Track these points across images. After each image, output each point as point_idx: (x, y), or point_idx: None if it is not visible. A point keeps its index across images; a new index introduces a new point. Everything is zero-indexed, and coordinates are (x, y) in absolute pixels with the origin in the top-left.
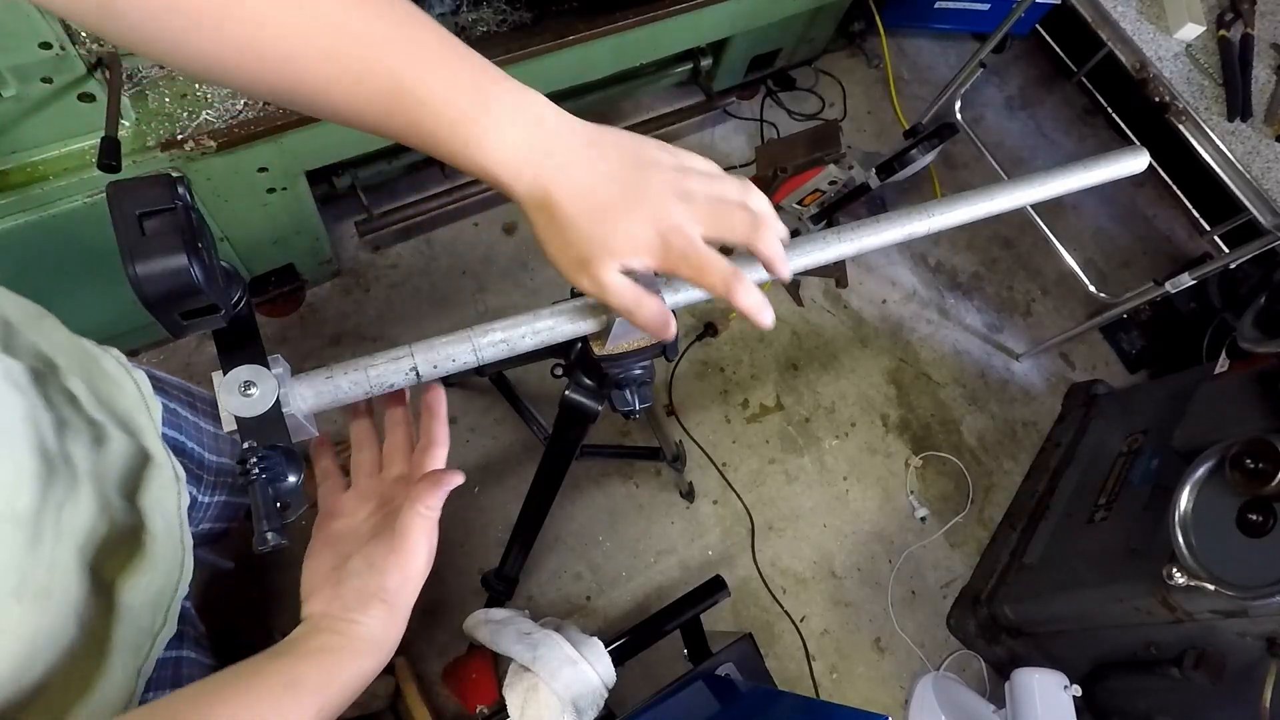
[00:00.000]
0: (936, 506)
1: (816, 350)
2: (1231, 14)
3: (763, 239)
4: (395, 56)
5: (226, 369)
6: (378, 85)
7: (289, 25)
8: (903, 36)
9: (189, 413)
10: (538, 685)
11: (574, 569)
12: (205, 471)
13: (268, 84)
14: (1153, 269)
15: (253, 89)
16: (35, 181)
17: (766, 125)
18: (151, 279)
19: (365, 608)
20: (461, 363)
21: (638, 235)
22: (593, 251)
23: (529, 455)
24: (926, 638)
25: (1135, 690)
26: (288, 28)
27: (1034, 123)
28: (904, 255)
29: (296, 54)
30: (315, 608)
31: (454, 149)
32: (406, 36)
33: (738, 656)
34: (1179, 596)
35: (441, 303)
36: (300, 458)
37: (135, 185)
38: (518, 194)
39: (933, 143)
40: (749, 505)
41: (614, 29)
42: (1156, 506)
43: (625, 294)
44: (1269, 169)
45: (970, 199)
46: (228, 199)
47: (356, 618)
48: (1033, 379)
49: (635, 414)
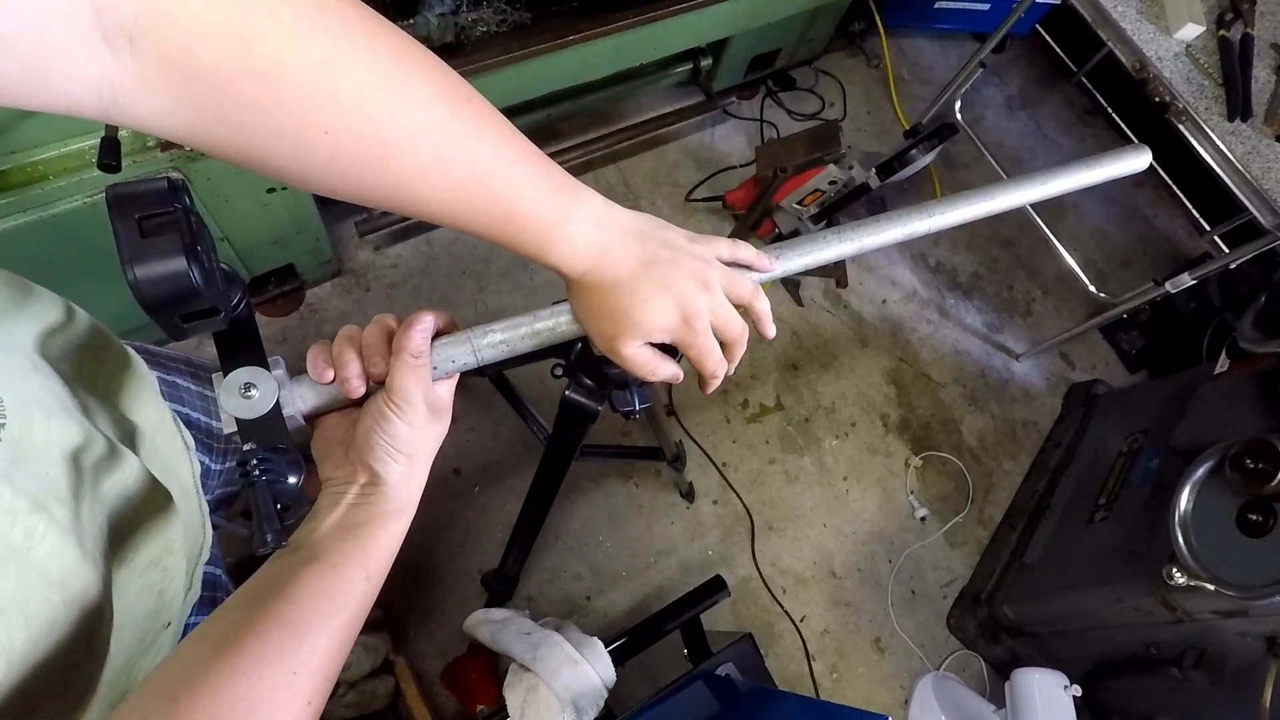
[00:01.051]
0: (936, 506)
1: (816, 350)
2: (1231, 14)
3: (754, 309)
4: (494, 168)
5: (226, 371)
6: (475, 191)
7: (409, 143)
8: (903, 36)
9: (191, 383)
10: (538, 685)
11: (574, 569)
12: (214, 440)
13: (375, 193)
14: (1153, 269)
15: (353, 195)
16: (35, 181)
17: (766, 125)
18: (151, 283)
19: (383, 464)
20: (461, 363)
21: (664, 317)
22: (623, 329)
23: (529, 455)
24: (926, 638)
25: (1135, 690)
26: (408, 145)
27: (1034, 123)
28: (904, 255)
29: (410, 170)
30: (331, 470)
31: (535, 251)
32: (503, 147)
33: (738, 656)
34: (1179, 596)
35: (441, 303)
36: (300, 459)
37: (134, 188)
38: (573, 281)
39: (933, 143)
40: (749, 505)
41: (614, 29)
42: (1156, 506)
43: (644, 364)
44: (1269, 169)
45: (970, 199)
46: (228, 199)
47: (377, 473)
48: (1033, 379)
49: (635, 414)
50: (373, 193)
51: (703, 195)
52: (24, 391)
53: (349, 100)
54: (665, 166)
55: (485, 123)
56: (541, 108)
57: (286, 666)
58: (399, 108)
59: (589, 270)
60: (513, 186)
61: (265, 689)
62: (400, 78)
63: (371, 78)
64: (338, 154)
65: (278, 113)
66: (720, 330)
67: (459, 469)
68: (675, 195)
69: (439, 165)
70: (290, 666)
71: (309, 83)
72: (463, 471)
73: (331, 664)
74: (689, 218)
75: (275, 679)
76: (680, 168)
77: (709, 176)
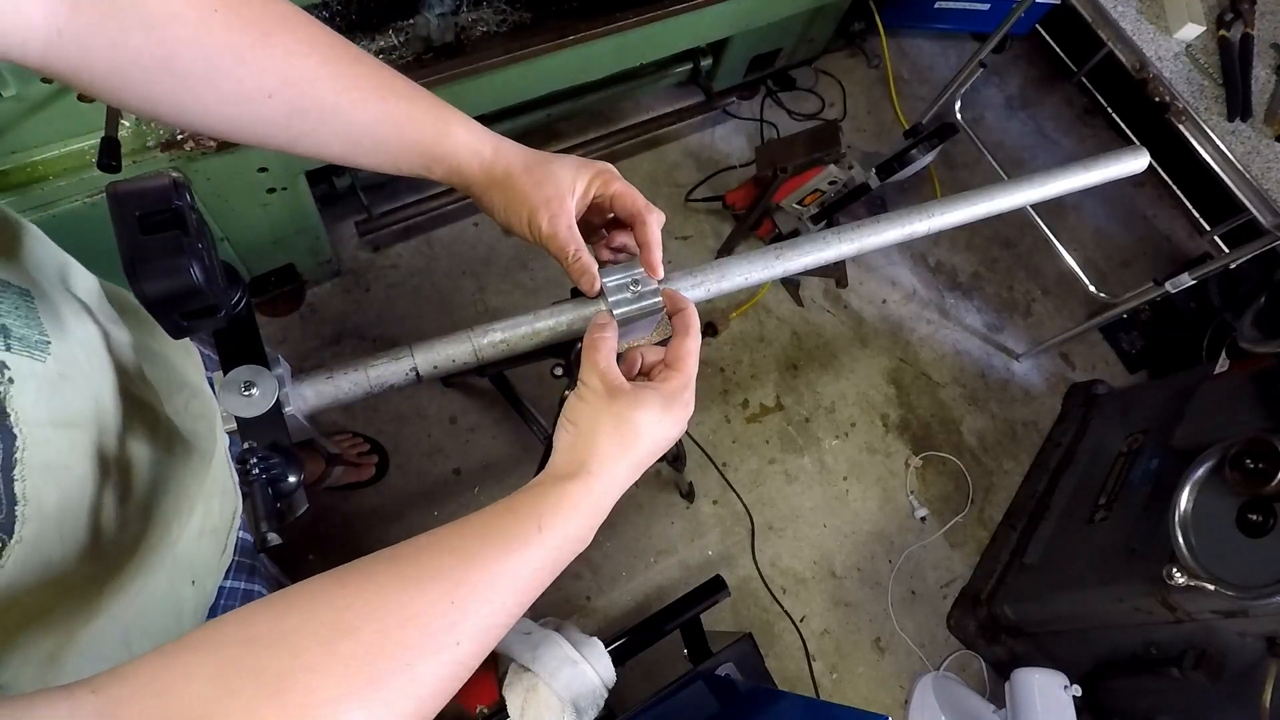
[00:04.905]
0: (936, 506)
1: (816, 350)
2: (1231, 14)
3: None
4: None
5: (226, 369)
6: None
7: (370, 124)
8: (903, 36)
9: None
10: (538, 685)
11: (573, 569)
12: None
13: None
14: (1153, 269)
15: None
16: (35, 181)
17: (766, 125)
18: (152, 281)
19: (557, 430)
20: (461, 363)
21: (572, 177)
22: (541, 202)
23: (529, 455)
24: (926, 638)
25: (1135, 690)
26: (370, 126)
27: (1034, 123)
28: (904, 255)
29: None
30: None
31: (439, 155)
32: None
33: (738, 656)
34: (1179, 596)
35: (441, 303)
36: (300, 458)
37: (135, 186)
38: (479, 181)
39: (933, 143)
40: (749, 505)
41: (614, 29)
42: (1156, 506)
43: (566, 237)
44: (1269, 169)
45: (970, 199)
46: (228, 199)
47: (551, 440)
48: (1033, 379)
49: None
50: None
51: (703, 195)
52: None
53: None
54: (665, 166)
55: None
56: (541, 108)
57: (445, 591)
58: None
59: (491, 163)
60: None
61: (424, 604)
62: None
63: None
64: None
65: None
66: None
67: (459, 469)
68: (675, 195)
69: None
70: (448, 592)
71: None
72: (463, 471)
73: (491, 613)
74: (689, 218)
75: (434, 598)
76: (680, 168)
77: (709, 176)
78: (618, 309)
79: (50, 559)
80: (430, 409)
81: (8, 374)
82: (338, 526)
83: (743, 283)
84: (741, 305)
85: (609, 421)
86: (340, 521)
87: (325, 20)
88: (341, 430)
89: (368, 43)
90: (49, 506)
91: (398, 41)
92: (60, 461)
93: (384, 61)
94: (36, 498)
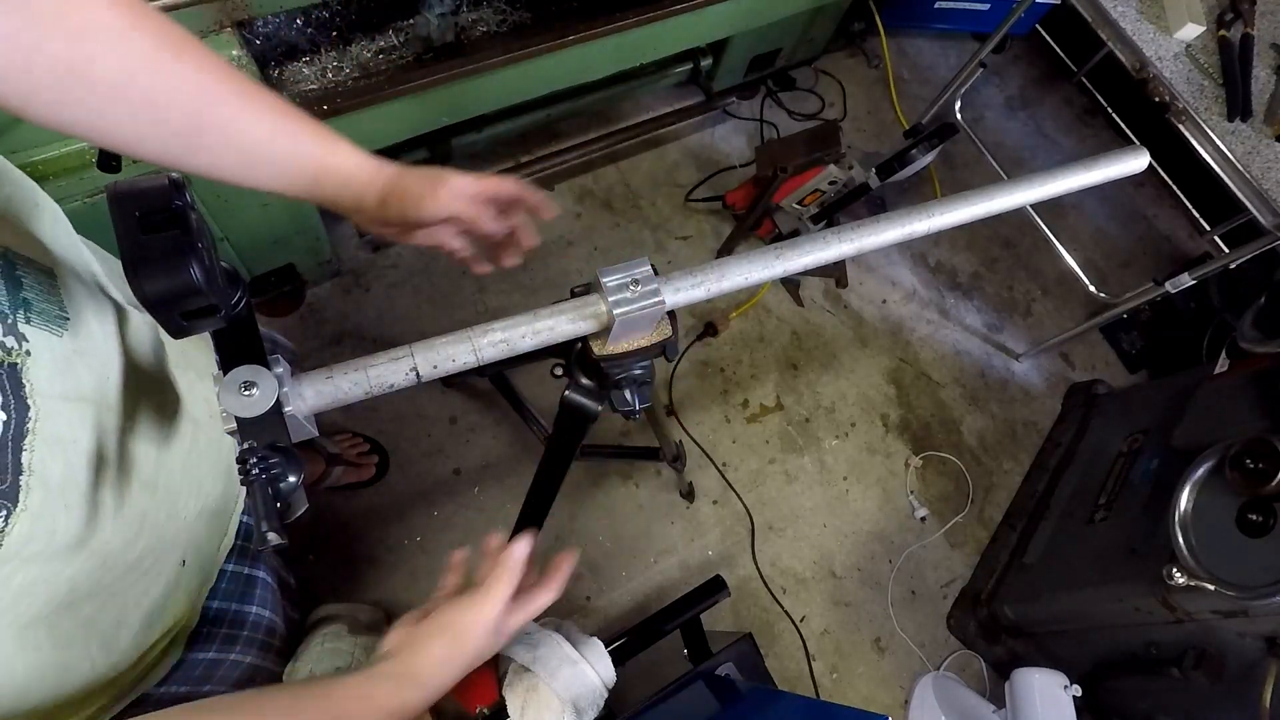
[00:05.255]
0: (936, 506)
1: (816, 350)
2: (1231, 14)
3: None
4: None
5: (226, 369)
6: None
7: (264, 139)
8: (903, 36)
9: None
10: (538, 685)
11: (574, 569)
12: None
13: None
14: (1153, 269)
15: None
16: (35, 181)
17: (766, 125)
18: (152, 280)
19: (429, 637)
20: (461, 363)
21: (457, 180)
22: (431, 186)
23: (529, 455)
24: (926, 638)
25: (1135, 690)
26: (264, 142)
27: (1034, 123)
28: (904, 255)
29: (262, 153)
30: (390, 641)
31: (330, 172)
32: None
33: (738, 656)
34: (1179, 596)
35: (441, 303)
36: (300, 458)
37: (135, 186)
38: (366, 194)
39: (933, 143)
40: (749, 505)
41: (614, 29)
42: (1156, 506)
43: (459, 203)
44: (1269, 169)
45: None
46: (228, 199)
47: (418, 648)
48: (1033, 379)
49: (635, 414)
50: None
51: (703, 195)
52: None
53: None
54: (665, 166)
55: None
56: (541, 108)
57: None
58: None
59: (378, 168)
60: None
61: None
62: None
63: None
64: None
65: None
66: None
67: (459, 469)
68: (675, 195)
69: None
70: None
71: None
72: (462, 471)
73: None
74: (689, 218)
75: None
76: (680, 168)
77: (709, 176)
78: (618, 308)
79: (53, 529)
80: (430, 409)
81: (26, 345)
82: (338, 527)
83: (743, 283)
84: (741, 305)
85: (477, 640)
86: (340, 521)
87: (325, 20)
88: (341, 430)
89: (368, 42)
90: (53, 478)
91: (398, 41)
92: (69, 435)
93: (384, 61)
94: (42, 469)
